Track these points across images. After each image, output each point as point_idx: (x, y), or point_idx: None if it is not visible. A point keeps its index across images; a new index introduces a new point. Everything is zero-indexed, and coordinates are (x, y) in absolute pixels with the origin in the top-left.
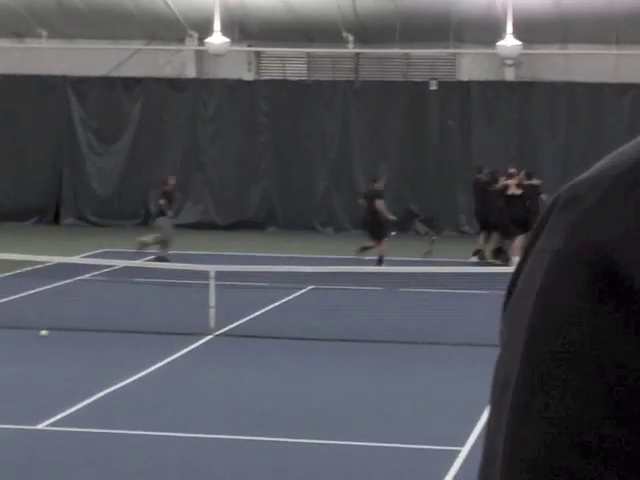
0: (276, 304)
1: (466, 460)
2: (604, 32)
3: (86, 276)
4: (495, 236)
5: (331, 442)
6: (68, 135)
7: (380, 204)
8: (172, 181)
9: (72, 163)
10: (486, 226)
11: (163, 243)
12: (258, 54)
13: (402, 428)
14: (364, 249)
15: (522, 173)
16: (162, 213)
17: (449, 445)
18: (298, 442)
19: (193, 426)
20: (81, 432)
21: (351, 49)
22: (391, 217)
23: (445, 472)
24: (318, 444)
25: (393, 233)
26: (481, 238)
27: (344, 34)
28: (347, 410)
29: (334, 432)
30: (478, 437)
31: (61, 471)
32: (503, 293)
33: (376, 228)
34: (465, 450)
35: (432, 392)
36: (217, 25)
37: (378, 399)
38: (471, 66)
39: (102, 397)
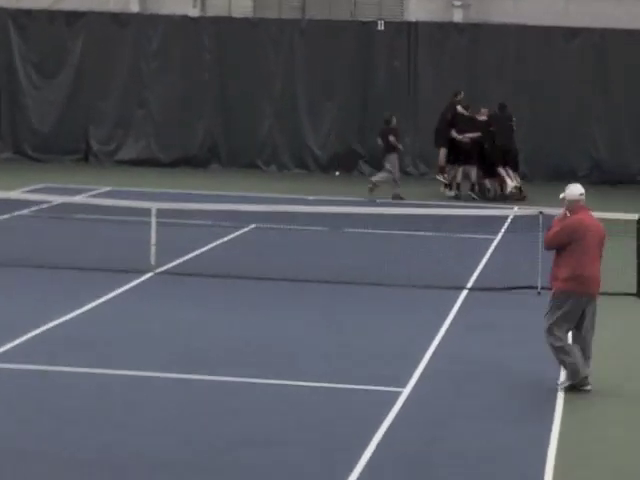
0: (218, 242)
1: (407, 401)
2: None
3: (25, 212)
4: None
5: (270, 381)
6: (7, 68)
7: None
8: (395, 119)
9: (11, 97)
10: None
11: (394, 180)
12: None
13: (343, 368)
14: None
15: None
16: (392, 149)
17: (390, 386)
18: (236, 381)
19: (132, 363)
20: (18, 369)
21: None
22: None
23: (386, 413)
24: (257, 383)
25: (337, 173)
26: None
27: None
28: (287, 349)
29: (273, 371)
30: (419, 379)
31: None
32: (448, 235)
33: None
34: (406, 391)
35: (374, 333)
36: None
37: (319, 339)
38: (419, 6)
39: (40, 334)
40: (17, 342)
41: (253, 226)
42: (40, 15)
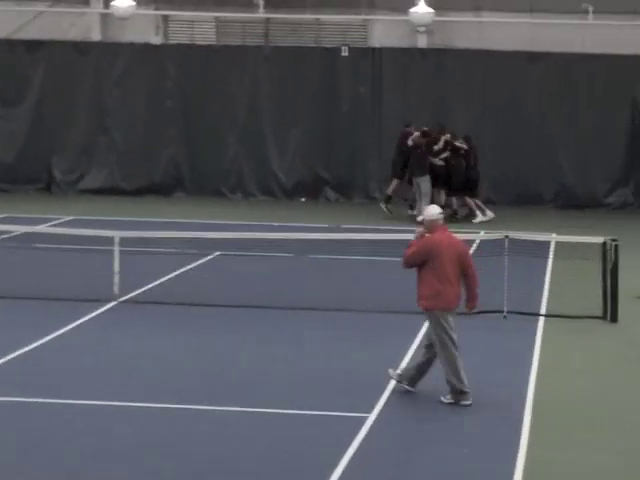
0: (182, 270)
1: (373, 426)
2: (517, 0)
3: None
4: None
5: (236, 409)
6: None
7: None
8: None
9: None
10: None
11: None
12: (166, 18)
13: (309, 395)
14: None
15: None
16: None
17: (357, 412)
18: (201, 409)
19: (97, 393)
20: None
21: (261, 14)
22: None
23: (352, 438)
24: (223, 410)
25: (303, 199)
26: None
27: None
28: (253, 377)
29: (239, 399)
30: (385, 404)
31: None
32: None
33: None
34: (372, 417)
35: (340, 359)
36: None
37: (285, 366)
38: (383, 33)
39: (3, 364)
40: None
41: (218, 253)
42: (0, 44)
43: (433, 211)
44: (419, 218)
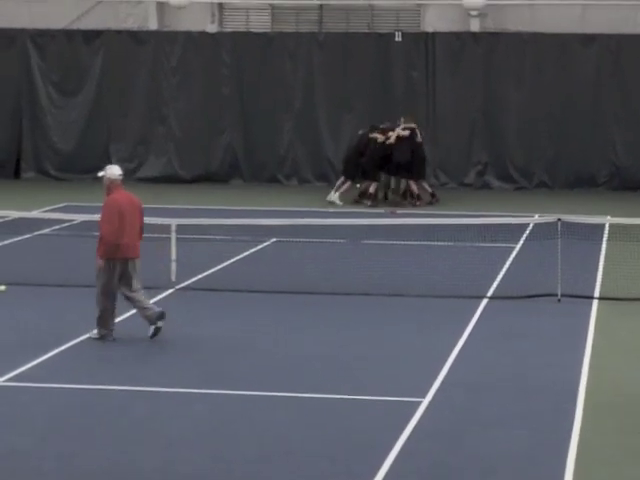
0: (238, 257)
1: (427, 411)
2: None
3: (46, 230)
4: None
5: (290, 394)
6: (28, 88)
7: None
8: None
9: (32, 117)
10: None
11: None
12: (221, 5)
13: (363, 380)
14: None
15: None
16: None
17: (410, 396)
18: (256, 394)
19: (154, 379)
20: (41, 387)
21: (315, 0)
22: None
23: (406, 423)
24: (277, 396)
25: (358, 185)
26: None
27: None
28: (310, 363)
29: (293, 384)
30: (439, 388)
31: (20, 426)
32: (468, 244)
33: None
34: (426, 401)
35: (393, 343)
36: None
37: (341, 351)
38: (436, 17)
39: (62, 352)
40: (39, 360)
41: (274, 240)
42: (58, 34)
43: (116, 171)
44: (100, 173)
